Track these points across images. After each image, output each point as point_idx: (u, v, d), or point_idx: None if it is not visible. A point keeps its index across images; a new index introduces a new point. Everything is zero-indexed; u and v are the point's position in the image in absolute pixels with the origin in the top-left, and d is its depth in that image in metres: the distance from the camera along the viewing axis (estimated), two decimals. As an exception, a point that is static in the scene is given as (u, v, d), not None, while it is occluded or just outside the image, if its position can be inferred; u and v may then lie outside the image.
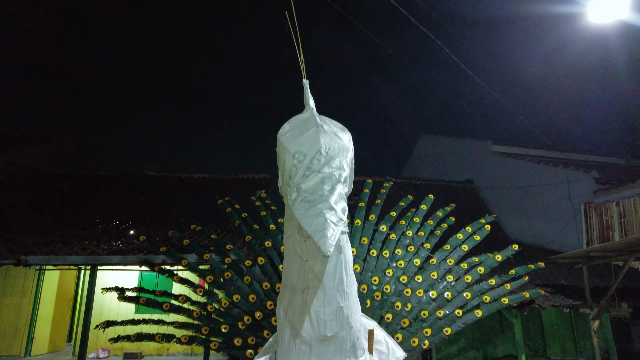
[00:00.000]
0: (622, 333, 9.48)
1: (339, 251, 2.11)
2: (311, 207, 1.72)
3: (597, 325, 6.14)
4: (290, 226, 2.13)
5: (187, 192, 12.79)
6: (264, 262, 5.02)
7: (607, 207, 10.37)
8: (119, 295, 5.22)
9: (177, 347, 10.19)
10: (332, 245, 1.61)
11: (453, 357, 8.44)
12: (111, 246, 8.37)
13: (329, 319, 2.02)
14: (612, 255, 6.10)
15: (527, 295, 5.29)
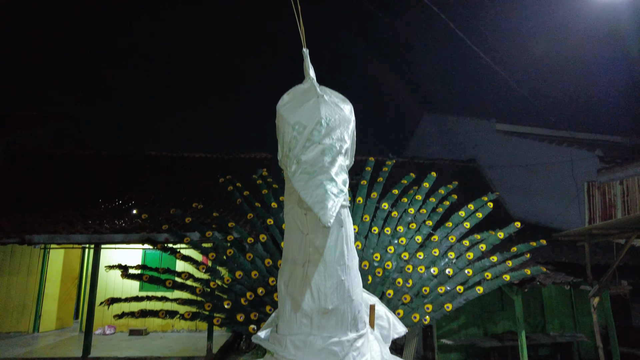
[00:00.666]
0: (621, 310, 9.56)
1: (340, 225, 2.09)
2: (311, 178, 1.69)
3: (597, 302, 6.18)
4: (290, 200, 2.11)
5: (189, 171, 12.78)
6: (266, 239, 5.03)
7: (610, 186, 10.32)
8: (123, 273, 5.26)
9: (181, 323, 10.38)
10: (332, 216, 1.59)
11: (453, 334, 8.56)
12: (114, 225, 8.42)
13: (329, 292, 2.03)
14: (614, 233, 6.09)
15: (528, 273, 5.31)
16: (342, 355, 2.00)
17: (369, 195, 5.40)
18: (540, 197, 11.92)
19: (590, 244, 6.53)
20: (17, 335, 9.83)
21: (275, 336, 2.09)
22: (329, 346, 1.98)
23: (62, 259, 10.75)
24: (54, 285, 10.45)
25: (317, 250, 2.03)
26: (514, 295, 6.67)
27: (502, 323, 9.05)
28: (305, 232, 2.05)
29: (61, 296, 10.61)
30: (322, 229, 2.01)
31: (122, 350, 8.37)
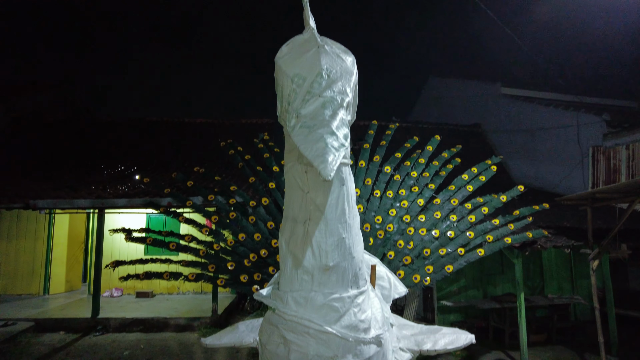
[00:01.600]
0: (619, 273, 9.69)
1: (341, 183, 2.06)
2: (311, 132, 1.63)
3: (596, 265, 6.23)
4: (290, 157, 2.06)
5: (190, 137, 12.70)
6: (268, 202, 5.03)
7: (616, 151, 10.21)
8: (126, 236, 5.30)
9: (186, 286, 10.62)
10: (332, 170, 1.55)
11: (453, 296, 8.73)
12: (117, 190, 8.46)
13: (330, 250, 2.02)
14: (618, 197, 6.06)
15: (530, 236, 5.33)
16: (343, 311, 2.02)
17: (372, 158, 5.35)
18: (544, 162, 11.84)
19: (592, 208, 6.52)
20: (28, 297, 10.12)
21: (277, 293, 2.11)
22: (329, 302, 2.00)
23: (68, 224, 10.90)
24: (61, 250, 10.65)
25: (317, 208, 2.01)
26: (515, 258, 6.73)
27: (502, 286, 9.21)
28: (306, 190, 2.02)
29: (69, 260, 10.84)
30: (323, 186, 1.98)
31: (130, 311, 8.61)
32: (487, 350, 7.18)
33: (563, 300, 8.46)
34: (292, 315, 1.98)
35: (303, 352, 1.94)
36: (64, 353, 6.57)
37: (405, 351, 2.60)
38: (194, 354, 6.57)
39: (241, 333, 2.81)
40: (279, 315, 2.03)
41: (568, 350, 7.30)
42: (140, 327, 7.86)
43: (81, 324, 7.86)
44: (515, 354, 6.94)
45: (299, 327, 1.97)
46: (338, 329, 1.96)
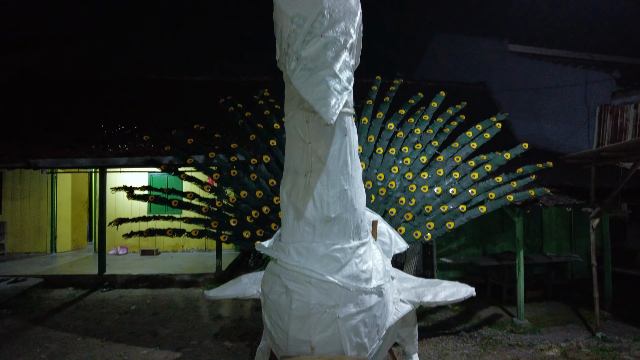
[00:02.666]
0: (618, 232, 9.79)
1: (343, 133, 2.00)
2: (312, 75, 1.55)
3: (596, 224, 6.26)
4: (290, 106, 1.99)
5: (190, 95, 12.46)
6: (269, 160, 5.00)
7: (624, 110, 10.01)
8: (128, 194, 5.31)
9: (190, 243, 10.80)
10: (335, 114, 1.48)
11: (453, 254, 8.87)
12: (118, 149, 8.40)
13: (332, 201, 2.00)
14: (623, 156, 5.99)
15: (532, 194, 5.31)
16: (345, 262, 2.02)
17: (375, 115, 5.26)
18: (549, 121, 11.67)
19: (596, 167, 6.47)
20: (36, 255, 10.34)
21: (279, 244, 2.11)
22: (331, 252, 2.00)
23: (70, 183, 10.95)
24: (65, 209, 10.76)
25: (319, 160, 1.97)
26: (516, 216, 6.76)
27: (501, 244, 9.34)
28: (307, 140, 1.96)
29: (73, 219, 10.98)
30: (325, 136, 1.93)
31: (135, 268, 8.80)
32: (485, 306, 7.36)
33: (561, 258, 8.59)
34: (294, 265, 1.99)
35: (305, 301, 1.96)
36: (73, 307, 6.77)
37: (406, 303, 2.64)
38: (199, 308, 6.77)
39: (244, 285, 2.86)
40: (281, 266, 2.04)
41: (563, 306, 7.48)
42: (146, 283, 8.06)
43: (89, 280, 8.06)
44: (512, 309, 7.12)
45: (300, 276, 1.98)
46: (339, 279, 1.97)
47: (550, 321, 6.71)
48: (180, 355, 4.87)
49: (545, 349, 5.34)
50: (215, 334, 5.62)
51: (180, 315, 6.37)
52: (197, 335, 5.55)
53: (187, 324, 5.96)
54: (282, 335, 2.01)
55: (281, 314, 2.01)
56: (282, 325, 2.01)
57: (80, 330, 5.70)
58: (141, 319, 6.19)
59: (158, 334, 5.58)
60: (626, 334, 5.94)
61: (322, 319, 1.96)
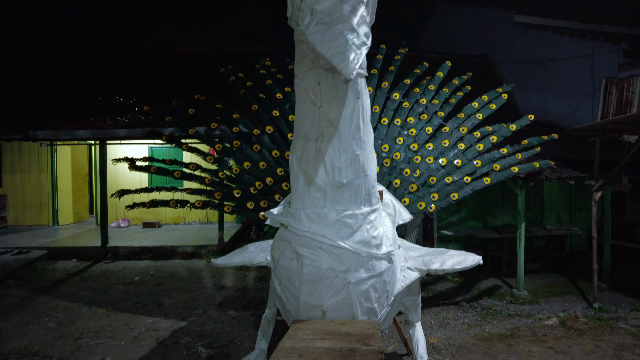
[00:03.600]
0: (618, 206, 9.82)
1: (356, 96, 1.93)
2: (329, 29, 1.47)
3: (598, 197, 6.25)
4: (301, 67, 1.91)
5: (187, 66, 12.22)
6: (272, 130, 4.93)
7: (630, 82, 9.86)
8: (130, 165, 5.24)
9: (192, 216, 10.83)
10: (354, 68, 1.41)
11: (454, 226, 8.91)
12: (117, 121, 8.31)
13: (344, 166, 1.96)
14: (629, 128, 5.92)
15: (537, 165, 5.28)
16: (356, 227, 2.00)
17: (380, 85, 5.16)
18: (553, 94, 11.51)
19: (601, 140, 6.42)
20: (38, 228, 10.39)
21: (289, 210, 2.08)
22: (342, 218, 1.97)
23: (70, 156, 10.88)
24: (66, 182, 10.74)
25: (331, 124, 1.91)
26: (518, 189, 6.75)
27: (502, 217, 9.39)
28: (319, 104, 1.89)
29: (74, 192, 10.97)
30: (337, 99, 1.86)
31: (138, 240, 8.86)
32: (485, 278, 7.46)
33: (561, 232, 8.65)
34: (305, 231, 1.97)
35: (316, 266, 1.95)
36: (78, 278, 6.84)
37: (413, 270, 2.65)
38: (202, 278, 6.85)
39: (251, 253, 2.86)
40: (292, 232, 2.02)
41: (561, 277, 7.58)
42: (149, 255, 8.12)
43: (92, 252, 8.12)
44: (511, 281, 7.21)
45: (312, 242, 1.96)
46: (351, 244, 1.96)
47: (548, 292, 6.80)
48: (185, 324, 4.95)
49: (544, 318, 5.43)
50: (219, 303, 5.69)
51: (184, 285, 6.45)
52: (202, 304, 5.63)
53: (191, 294, 6.03)
54: (293, 300, 2.02)
55: (292, 279, 2.01)
56: (293, 290, 2.01)
57: (86, 300, 5.78)
58: (145, 289, 6.26)
59: (162, 303, 5.65)
60: (622, 305, 6.04)
61: (334, 283, 1.96)
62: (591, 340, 4.66)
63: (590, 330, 4.95)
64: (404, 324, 4.70)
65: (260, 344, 4.03)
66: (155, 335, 4.63)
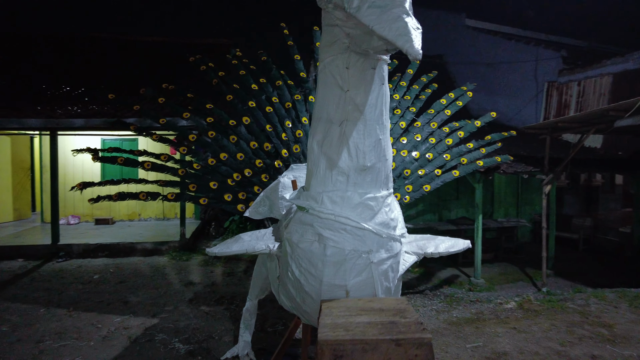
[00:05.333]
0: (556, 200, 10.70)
1: (381, 82, 2.00)
2: (384, 12, 1.51)
3: (548, 190, 6.81)
4: (330, 51, 1.93)
5: (142, 55, 11.65)
6: (249, 121, 4.86)
7: (568, 87, 10.79)
8: (94, 156, 4.93)
9: (148, 212, 10.39)
10: (420, 51, 1.47)
11: (412, 219, 9.28)
12: (68, 111, 7.77)
13: (368, 150, 2.02)
14: (576, 127, 6.49)
15: (499, 160, 5.64)
16: (377, 210, 2.07)
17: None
18: (502, 95, 12.29)
19: (546, 138, 6.99)
20: (-29, 225, 9.45)
21: (308, 194, 2.10)
22: (365, 201, 2.03)
23: (10, 149, 9.99)
24: (5, 177, 9.85)
25: (357, 108, 1.96)
26: (476, 183, 7.17)
27: (456, 210, 9.92)
28: (346, 88, 1.93)
29: (14, 187, 10.10)
30: (364, 84, 1.91)
31: (92, 237, 8.35)
32: (443, 268, 7.84)
33: (511, 224, 9.30)
34: (329, 213, 2.00)
35: (340, 247, 1.99)
36: (28, 279, 6.34)
37: (411, 254, 2.76)
38: (167, 275, 6.61)
39: (249, 242, 2.82)
40: (314, 215, 2.04)
41: (512, 266, 8.14)
42: (106, 252, 7.69)
43: (41, 250, 7.54)
44: (468, 270, 7.66)
45: (335, 224, 2.00)
46: (373, 226, 2.02)
47: (502, 280, 7.30)
48: (157, 321, 4.77)
49: (504, 302, 5.83)
50: (190, 299, 5.54)
51: (149, 283, 6.19)
52: (171, 301, 5.44)
53: (158, 291, 5.81)
54: (315, 282, 2.04)
55: (314, 261, 2.03)
56: (315, 272, 2.04)
57: (42, 301, 5.38)
58: (108, 287, 5.94)
59: (129, 301, 5.40)
60: (566, 288, 6.61)
61: (357, 263, 2.02)
62: (547, 320, 5.07)
63: (545, 311, 5.38)
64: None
65: (244, 336, 3.99)
66: (127, 334, 4.43)
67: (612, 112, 5.40)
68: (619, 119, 5.46)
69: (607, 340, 4.52)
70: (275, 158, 4.68)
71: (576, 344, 4.41)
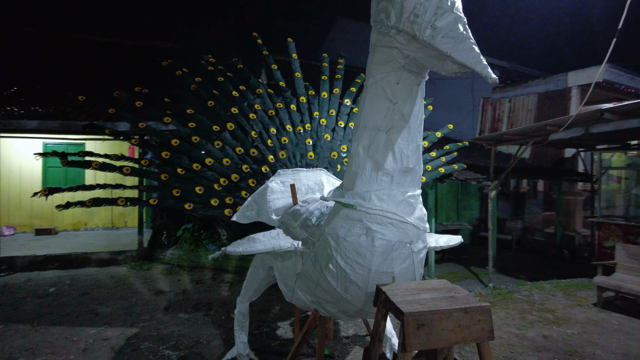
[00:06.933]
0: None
1: (422, 96, 2.30)
2: (459, 42, 1.79)
3: (494, 195, 7.61)
4: (382, 69, 2.17)
5: (83, 55, 10.99)
6: (234, 127, 4.93)
7: (501, 103, 12.05)
8: (62, 160, 4.70)
9: (96, 221, 9.80)
10: (494, 75, 1.76)
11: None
12: (11, 112, 7.18)
13: (411, 154, 2.30)
14: (517, 139, 7.35)
15: (456, 167, 6.23)
16: (415, 206, 2.38)
17: (332, 90, 5.55)
18: (442, 109, 13.35)
19: (488, 150, 7.83)
20: None
21: (354, 193, 2.32)
22: (407, 199, 2.31)
23: None
24: None
25: (403, 118, 2.23)
26: (429, 189, 7.80)
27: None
28: (395, 101, 2.20)
29: None
30: (411, 97, 2.20)
31: (37, 248, 7.70)
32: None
33: (455, 226, 10.13)
34: (378, 209, 2.25)
35: (387, 239, 2.25)
36: (-32, 294, 5.75)
37: (423, 246, 3.09)
38: (133, 285, 6.35)
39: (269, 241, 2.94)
40: (362, 211, 2.27)
41: (458, 266, 8.89)
42: (56, 264, 7.16)
43: (-25, 264, 6.83)
44: (422, 269, 8.23)
45: (383, 219, 2.25)
46: (413, 220, 2.31)
47: (452, 278, 7.96)
48: (137, 330, 4.63)
49: (461, 297, 6.40)
50: (165, 307, 5.41)
51: (115, 293, 5.92)
52: (146, 310, 5.28)
53: (128, 302, 5.58)
54: (363, 271, 2.27)
55: (362, 252, 2.26)
56: (363, 262, 2.27)
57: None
58: (70, 300, 5.59)
59: (99, 312, 5.15)
60: (509, 283, 7.40)
61: (402, 252, 2.29)
62: (501, 309, 5.70)
63: (499, 302, 6.03)
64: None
65: (240, 337, 4.06)
66: (108, 345, 4.26)
67: (548, 127, 6.25)
68: (553, 133, 6.33)
69: (552, 322, 5.21)
70: (262, 164, 4.80)
71: (529, 327, 5.05)
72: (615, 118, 5.68)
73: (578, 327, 5.09)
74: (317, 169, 4.76)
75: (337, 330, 4.84)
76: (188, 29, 20.21)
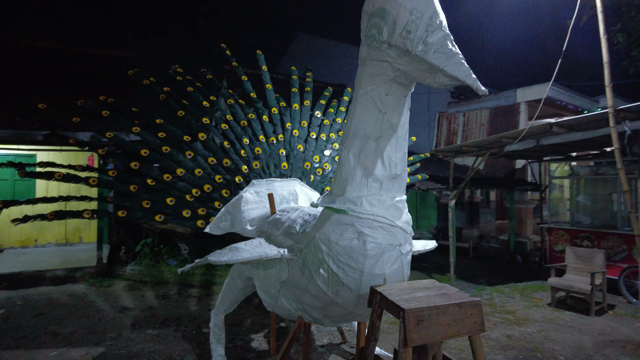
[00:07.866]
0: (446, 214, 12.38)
1: (408, 107, 2.45)
2: (450, 57, 1.92)
3: (453, 204, 7.98)
4: (373, 81, 2.28)
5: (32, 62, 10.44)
6: (205, 137, 4.89)
7: (455, 117, 12.70)
8: (20, 171, 4.46)
9: (47, 237, 9.22)
10: (484, 88, 1.90)
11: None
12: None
13: (399, 161, 2.43)
14: (475, 151, 7.79)
15: (419, 177, 6.52)
16: (402, 210, 2.50)
17: (302, 103, 5.66)
18: (401, 123, 13.87)
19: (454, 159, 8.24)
20: None
21: (345, 199, 2.40)
22: (395, 203, 2.43)
23: None
24: None
25: (391, 127, 2.36)
26: (394, 199, 8.03)
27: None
28: (384, 111, 2.32)
29: None
30: (399, 108, 2.34)
31: (-20, 268, 7.12)
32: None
33: (415, 236, 10.44)
34: (369, 214, 2.33)
35: (378, 242, 2.34)
36: None
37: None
38: (94, 302, 6.02)
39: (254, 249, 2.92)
40: (353, 216, 2.35)
41: (420, 273, 9.19)
42: (4, 284, 6.65)
43: None
44: (388, 277, 8.42)
45: (374, 223, 2.34)
46: (401, 224, 2.43)
47: (417, 284, 8.21)
48: (104, 349, 4.40)
49: (427, 302, 6.62)
50: (132, 324, 5.18)
51: (75, 312, 5.59)
52: (111, 328, 5.03)
53: (90, 320, 5.30)
54: (355, 274, 2.34)
55: (355, 255, 2.34)
56: (355, 265, 2.34)
57: (-60, 342, 4.52)
58: (24, 321, 5.21)
59: (59, 333, 4.84)
60: (470, 288, 7.75)
61: (392, 255, 2.39)
62: (466, 313, 5.95)
63: (462, 306, 6.29)
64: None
65: (217, 350, 3.99)
66: (74, 366, 4.03)
67: (504, 139, 6.69)
68: (508, 144, 6.78)
69: (513, 323, 5.53)
70: (236, 174, 4.78)
71: (494, 328, 5.32)
72: (562, 131, 6.19)
73: (537, 325, 5.43)
74: (290, 179, 4.82)
75: (311, 339, 4.85)
76: (144, 40, 19.73)
